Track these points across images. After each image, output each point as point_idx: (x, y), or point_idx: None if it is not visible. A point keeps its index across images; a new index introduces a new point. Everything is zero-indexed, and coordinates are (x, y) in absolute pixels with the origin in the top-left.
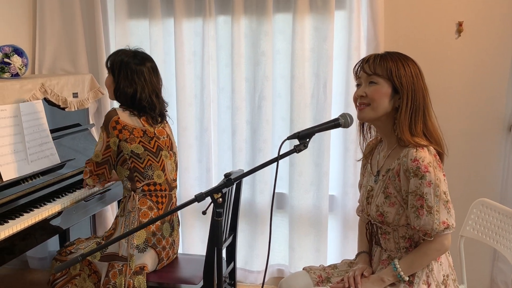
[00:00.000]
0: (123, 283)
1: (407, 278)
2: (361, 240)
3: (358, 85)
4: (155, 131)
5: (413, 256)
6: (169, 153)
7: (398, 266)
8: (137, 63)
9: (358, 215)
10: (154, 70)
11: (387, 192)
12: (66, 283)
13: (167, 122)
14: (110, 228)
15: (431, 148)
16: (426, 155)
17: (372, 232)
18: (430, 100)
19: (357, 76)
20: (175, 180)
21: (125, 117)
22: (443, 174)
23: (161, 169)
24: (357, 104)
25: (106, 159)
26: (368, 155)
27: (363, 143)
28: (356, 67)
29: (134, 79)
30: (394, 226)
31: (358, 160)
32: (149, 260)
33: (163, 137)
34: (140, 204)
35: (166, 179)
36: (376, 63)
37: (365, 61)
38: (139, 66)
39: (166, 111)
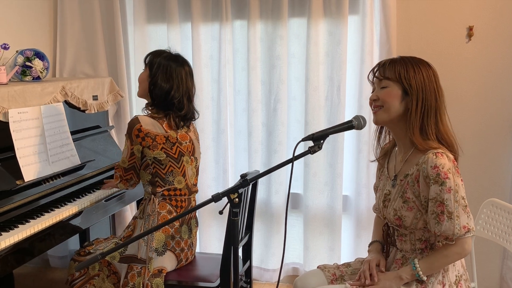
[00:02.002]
0: (142, 285)
1: (425, 278)
2: (375, 230)
3: (373, 91)
4: (178, 136)
5: (434, 258)
6: (190, 158)
7: (418, 266)
8: (177, 64)
9: (375, 212)
10: (190, 74)
11: (405, 196)
12: (84, 283)
13: (194, 128)
14: (128, 229)
15: (449, 154)
16: (445, 162)
17: (388, 234)
18: (445, 104)
19: (372, 81)
20: (195, 185)
21: (147, 124)
22: (461, 179)
23: (182, 175)
24: (372, 107)
25: (132, 165)
26: (382, 158)
27: (376, 148)
28: (369, 73)
29: (172, 76)
30: (411, 229)
31: (372, 161)
32: (167, 263)
33: (186, 142)
34: (159, 208)
35: (187, 184)
36: (385, 67)
37: (377, 67)
38: (178, 67)
39: (194, 119)
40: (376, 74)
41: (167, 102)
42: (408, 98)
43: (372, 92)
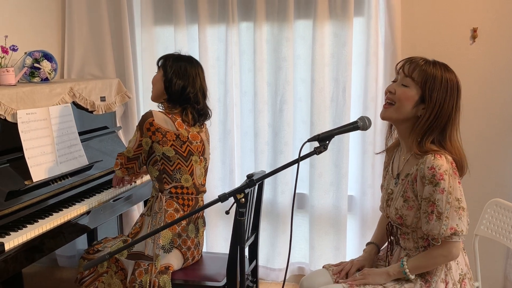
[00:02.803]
0: (149, 282)
1: (412, 277)
2: (377, 231)
3: (394, 81)
4: (189, 136)
5: (421, 258)
6: (199, 158)
7: (406, 264)
8: (191, 64)
9: (381, 211)
10: (203, 75)
11: (406, 196)
12: (93, 281)
13: (206, 129)
14: (136, 226)
15: (448, 156)
16: (443, 163)
17: (392, 232)
18: (459, 122)
19: (397, 71)
20: (203, 185)
21: (159, 120)
22: (459, 182)
23: (189, 174)
24: (385, 98)
25: (137, 156)
26: (389, 153)
27: (388, 137)
28: (400, 63)
29: (187, 74)
30: (412, 228)
31: (377, 153)
32: (174, 260)
33: (196, 142)
34: (166, 206)
35: (194, 183)
36: (417, 67)
37: (410, 61)
38: (193, 67)
39: (208, 117)
40: (404, 69)
41: (184, 97)
42: (422, 106)
43: (394, 81)
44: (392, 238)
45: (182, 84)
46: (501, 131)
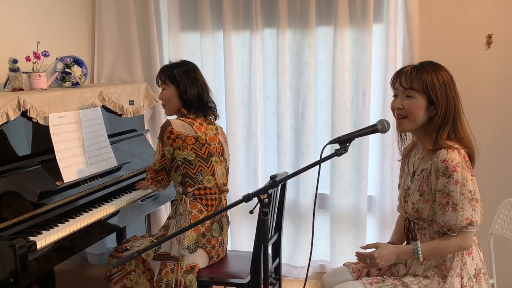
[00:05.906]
0: (175, 281)
1: (421, 259)
2: (395, 231)
3: (395, 96)
4: (207, 138)
5: (436, 244)
6: (219, 158)
7: (420, 247)
8: (190, 66)
9: (399, 211)
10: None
11: (421, 190)
12: (122, 278)
13: (222, 131)
14: (163, 229)
15: (462, 150)
16: (455, 156)
17: (409, 228)
18: (462, 107)
19: (394, 86)
20: (225, 184)
21: (178, 127)
22: (471, 174)
23: (211, 174)
24: (395, 114)
25: (163, 166)
26: (405, 157)
27: (401, 145)
28: (393, 79)
29: (196, 77)
30: (429, 221)
31: (399, 160)
32: (199, 259)
33: (214, 144)
34: (191, 208)
35: (216, 183)
36: (412, 77)
37: (401, 74)
38: (195, 71)
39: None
40: (402, 83)
41: (203, 103)
42: (432, 107)
43: (394, 96)
44: (409, 234)
45: (196, 91)
46: None
